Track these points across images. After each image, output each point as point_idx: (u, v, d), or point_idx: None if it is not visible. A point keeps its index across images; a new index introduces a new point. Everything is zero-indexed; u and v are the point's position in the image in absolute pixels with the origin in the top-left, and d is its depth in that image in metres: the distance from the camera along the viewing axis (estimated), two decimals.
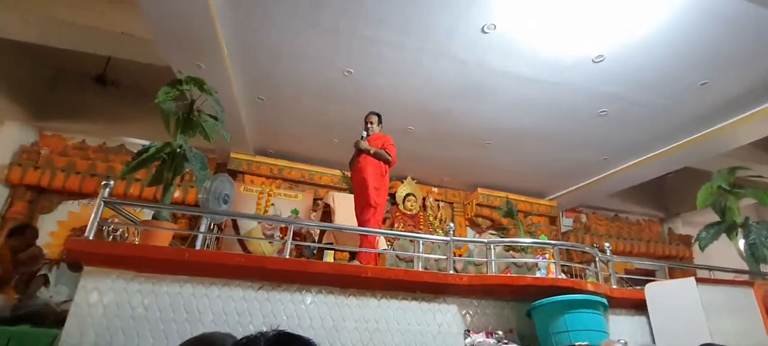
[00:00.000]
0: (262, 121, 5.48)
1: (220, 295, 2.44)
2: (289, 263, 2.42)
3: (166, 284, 2.41)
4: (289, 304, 2.46)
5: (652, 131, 5.32)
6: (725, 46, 3.76)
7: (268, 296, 2.46)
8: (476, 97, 4.77)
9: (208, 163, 6.11)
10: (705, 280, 2.99)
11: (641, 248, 7.44)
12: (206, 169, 2.97)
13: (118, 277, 2.40)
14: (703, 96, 4.53)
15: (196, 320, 2.36)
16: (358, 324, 2.49)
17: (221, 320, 2.38)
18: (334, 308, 2.50)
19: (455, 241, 2.96)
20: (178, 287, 2.42)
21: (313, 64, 4.28)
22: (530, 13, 3.51)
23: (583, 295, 2.43)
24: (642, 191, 8.17)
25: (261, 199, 5.49)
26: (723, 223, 4.36)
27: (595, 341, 2.27)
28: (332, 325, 2.45)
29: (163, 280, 2.42)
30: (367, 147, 3.72)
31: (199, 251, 2.63)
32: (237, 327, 2.37)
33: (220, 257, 2.46)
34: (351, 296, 2.55)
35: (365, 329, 2.49)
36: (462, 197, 7.41)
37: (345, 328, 2.47)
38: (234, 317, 2.40)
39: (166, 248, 2.47)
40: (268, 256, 3.25)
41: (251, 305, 2.43)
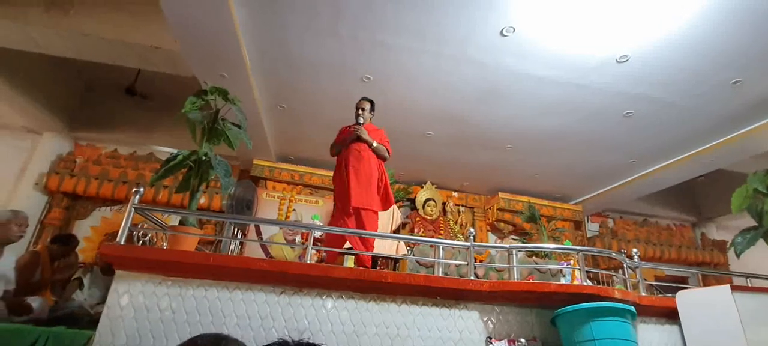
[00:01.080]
0: (284, 129, 5.59)
1: (244, 298, 2.49)
2: (310, 268, 2.45)
3: (192, 287, 2.49)
4: (310, 308, 2.49)
5: (682, 133, 5.13)
6: (758, 42, 3.60)
7: (289, 300, 2.50)
8: (496, 101, 4.73)
9: (232, 171, 6.31)
10: (741, 288, 2.85)
11: (672, 253, 7.15)
12: (230, 176, 3.05)
13: (148, 280, 2.49)
14: (735, 95, 4.35)
15: (221, 323, 2.42)
16: (378, 329, 2.50)
17: (245, 323, 2.43)
18: (354, 313, 2.51)
19: (476, 246, 2.93)
20: (203, 291, 2.49)
21: (332, 71, 4.35)
22: (549, 15, 3.46)
23: (610, 302, 2.36)
24: (672, 195, 7.86)
25: (282, 205, 5.59)
26: (760, 228, 4.15)
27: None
28: (353, 330, 2.46)
29: (189, 283, 2.49)
30: (368, 139, 3.42)
31: (224, 255, 2.70)
32: (260, 330, 2.42)
33: (244, 262, 2.52)
34: (371, 301, 2.56)
35: (386, 335, 2.50)
36: (483, 202, 7.32)
37: (365, 333, 2.48)
38: (257, 320, 2.45)
39: (192, 252, 2.55)
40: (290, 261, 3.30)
41: (273, 309, 2.47)
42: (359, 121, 3.50)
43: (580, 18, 3.50)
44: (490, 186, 7.16)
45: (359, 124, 3.46)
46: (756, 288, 3.01)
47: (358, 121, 3.50)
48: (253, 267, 2.47)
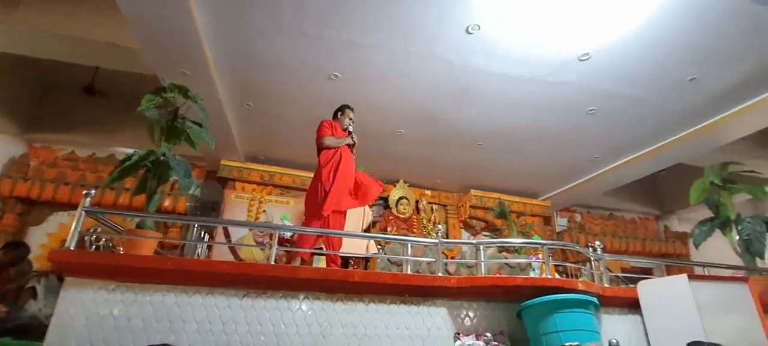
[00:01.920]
0: (252, 128, 5.46)
1: (204, 303, 2.40)
2: (274, 269, 2.38)
3: (148, 293, 2.37)
4: (274, 311, 2.41)
5: (643, 128, 5.32)
6: (713, 41, 3.76)
7: (253, 303, 2.42)
8: (465, 99, 4.76)
9: (198, 172, 6.11)
10: (698, 277, 2.96)
11: (637, 246, 7.42)
12: (191, 176, 2.92)
13: (100, 287, 2.37)
14: (692, 91, 4.53)
15: (180, 329, 2.32)
16: (345, 330, 2.45)
17: (205, 329, 2.34)
18: (320, 314, 2.46)
19: (444, 243, 2.93)
20: (161, 296, 2.38)
21: (299, 69, 4.27)
22: (512, 13, 3.51)
23: (572, 294, 2.40)
24: (636, 189, 8.16)
25: (252, 206, 5.45)
26: (717, 219, 4.34)
27: (586, 341, 2.24)
28: (319, 331, 2.41)
29: (145, 289, 2.38)
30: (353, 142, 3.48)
31: (182, 259, 2.59)
32: (221, 336, 2.33)
33: (203, 265, 2.42)
34: (338, 301, 2.51)
35: (353, 335, 2.45)
36: (455, 199, 7.38)
37: (332, 334, 2.42)
38: (218, 325, 2.36)
39: (147, 256, 2.43)
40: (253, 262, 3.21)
41: (236, 313, 2.38)
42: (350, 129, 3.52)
43: (542, 17, 3.56)
44: (462, 184, 7.22)
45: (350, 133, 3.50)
46: (711, 277, 3.13)
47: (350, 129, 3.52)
48: (214, 270, 2.37)
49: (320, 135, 3.46)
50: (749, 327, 2.71)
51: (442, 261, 2.82)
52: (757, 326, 2.72)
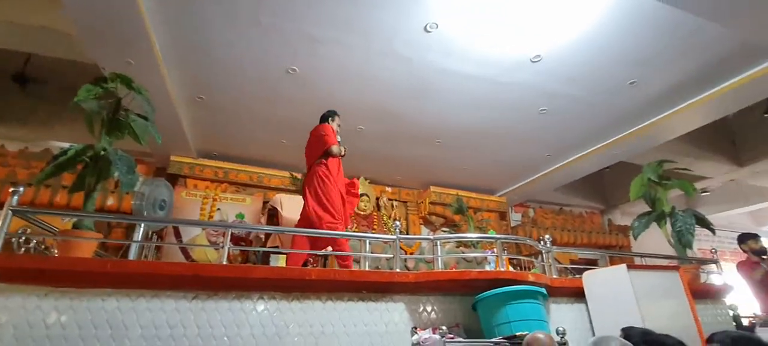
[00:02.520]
0: (204, 122, 5.22)
1: (149, 307, 2.26)
2: (226, 270, 2.29)
3: (86, 298, 2.20)
4: (226, 313, 2.32)
5: (589, 128, 5.64)
6: (650, 47, 4.03)
7: (203, 305, 2.31)
8: (424, 96, 4.82)
9: (145, 168, 5.76)
10: (636, 266, 3.18)
11: (584, 239, 7.87)
12: (134, 173, 2.75)
13: (31, 293, 2.17)
14: (632, 94, 4.85)
15: (122, 336, 2.18)
16: (302, 329, 2.41)
17: (150, 334, 2.21)
18: (276, 314, 2.40)
19: (402, 238, 2.95)
20: (100, 301, 2.22)
21: (255, 62, 4.13)
22: (468, 13, 3.58)
23: (523, 286, 2.49)
24: (584, 185, 8.65)
25: (205, 204, 5.21)
26: (653, 212, 4.68)
27: (534, 330, 2.33)
28: (275, 332, 2.35)
29: (83, 294, 2.21)
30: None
31: (123, 260, 2.43)
32: (169, 340, 2.21)
33: (148, 266, 2.29)
34: (294, 300, 2.46)
35: (310, 334, 2.41)
36: (415, 196, 7.47)
37: (288, 334, 2.37)
38: (165, 330, 2.23)
39: (84, 259, 2.26)
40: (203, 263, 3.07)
41: (185, 316, 2.27)
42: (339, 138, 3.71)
43: (497, 18, 3.66)
44: (422, 180, 7.32)
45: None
46: (648, 266, 3.38)
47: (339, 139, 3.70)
48: (159, 272, 2.25)
49: (328, 142, 3.55)
50: (680, 311, 2.95)
51: (400, 257, 2.84)
52: (687, 310, 2.96)
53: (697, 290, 3.49)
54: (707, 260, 4.12)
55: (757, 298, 4.32)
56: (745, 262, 4.39)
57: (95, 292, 2.21)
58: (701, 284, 3.80)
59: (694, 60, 4.23)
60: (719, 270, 4.06)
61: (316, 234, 3.14)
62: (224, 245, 2.51)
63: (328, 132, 3.61)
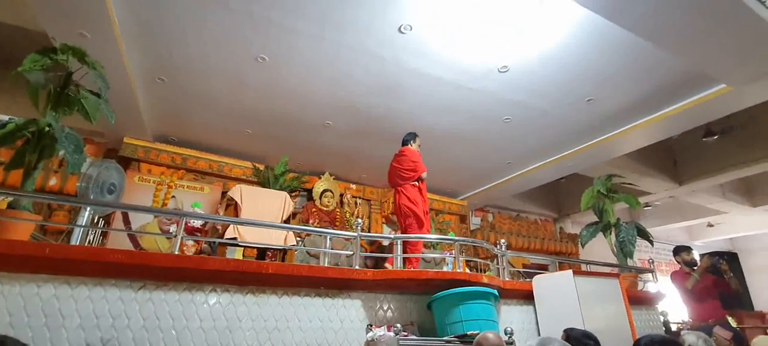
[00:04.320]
0: (164, 105, 4.98)
1: (91, 296, 2.14)
2: (177, 260, 2.21)
3: (19, 284, 2.05)
4: (175, 304, 2.24)
5: (549, 139, 5.90)
6: (607, 67, 4.28)
7: (150, 296, 2.22)
8: (394, 96, 4.85)
9: (95, 148, 5.43)
10: (581, 272, 3.38)
11: (537, 245, 8.22)
12: (81, 152, 2.58)
13: None
14: (589, 110, 5.13)
15: (58, 326, 2.05)
16: (255, 323, 2.36)
17: (90, 325, 2.09)
18: (228, 307, 2.34)
19: (363, 236, 2.96)
20: (35, 288, 2.08)
21: (222, 46, 3.99)
22: (442, 19, 3.65)
23: (476, 287, 2.58)
24: (540, 193, 9.04)
25: (159, 190, 4.97)
26: (600, 223, 4.97)
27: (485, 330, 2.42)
28: (226, 325, 2.29)
29: (15, 280, 2.06)
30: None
31: (63, 245, 2.29)
32: (109, 331, 2.10)
33: (90, 252, 2.16)
34: (249, 294, 2.41)
35: (263, 329, 2.38)
36: (380, 195, 7.50)
37: (240, 328, 2.32)
38: (107, 320, 2.12)
39: (18, 241, 2.10)
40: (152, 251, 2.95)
41: (129, 307, 2.17)
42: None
43: (469, 27, 3.75)
44: (387, 179, 7.35)
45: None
46: (592, 273, 3.59)
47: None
48: (103, 259, 2.13)
49: (422, 168, 4.27)
50: (617, 315, 3.16)
51: (359, 254, 2.85)
52: (623, 314, 3.18)
53: (634, 297, 3.75)
54: (645, 270, 4.43)
55: (688, 306, 4.70)
56: (679, 272, 4.77)
57: (30, 277, 2.07)
58: (638, 292, 4.09)
59: (645, 83, 4.53)
60: (655, 279, 4.38)
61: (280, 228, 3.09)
62: (177, 234, 2.42)
63: (420, 159, 4.32)
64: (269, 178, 4.29)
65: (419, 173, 4.18)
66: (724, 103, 4.60)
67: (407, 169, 4.18)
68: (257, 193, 3.93)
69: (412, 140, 4.44)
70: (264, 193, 3.98)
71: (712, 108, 4.72)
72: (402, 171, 4.20)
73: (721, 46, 3.49)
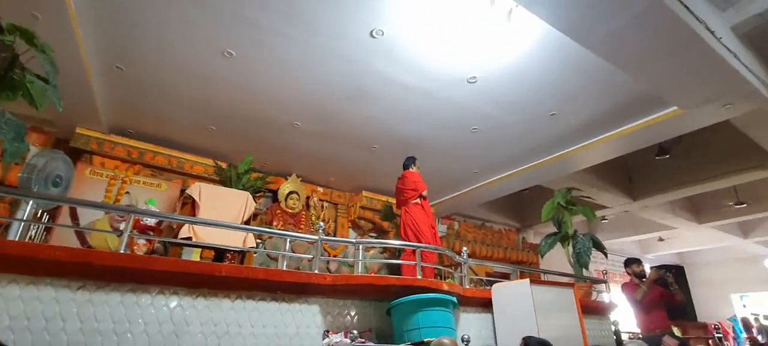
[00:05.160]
0: (121, 95, 4.73)
1: (22, 296, 1.98)
2: (122, 259, 2.08)
3: None
4: (118, 306, 2.11)
5: (514, 150, 6.05)
6: (570, 84, 4.44)
7: (90, 297, 2.07)
8: (364, 100, 4.83)
9: (43, 138, 5.09)
10: (538, 281, 3.46)
11: (500, 253, 8.40)
12: (23, 141, 2.40)
13: None
14: (552, 124, 5.30)
15: None
16: (204, 328, 2.26)
17: (20, 326, 1.93)
18: (176, 310, 2.23)
19: (324, 240, 2.91)
20: None
21: (187, 38, 3.84)
22: (414, 26, 3.67)
23: (434, 294, 2.58)
24: (504, 203, 9.27)
25: (112, 185, 4.70)
26: (559, 234, 5.14)
27: None
28: (172, 329, 2.17)
29: None
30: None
31: None
32: (42, 334, 1.95)
33: (24, 248, 2.00)
34: (200, 297, 2.31)
35: (213, 333, 2.27)
36: (347, 199, 7.45)
37: (188, 332, 2.21)
38: (39, 322, 1.97)
39: None
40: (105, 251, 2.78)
41: (65, 308, 2.02)
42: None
43: (440, 36, 3.80)
44: (355, 184, 7.33)
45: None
46: (548, 282, 3.69)
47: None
48: (39, 255, 1.97)
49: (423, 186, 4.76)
50: (570, 324, 3.26)
51: (319, 258, 2.80)
52: (576, 323, 3.28)
53: (588, 306, 3.89)
54: (598, 280, 4.60)
55: (637, 316, 4.91)
56: (629, 283, 4.98)
57: None
58: (592, 301, 4.24)
59: (604, 102, 4.74)
60: (608, 290, 4.56)
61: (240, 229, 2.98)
62: (125, 232, 2.29)
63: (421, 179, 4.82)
64: (231, 176, 4.15)
65: (420, 191, 4.64)
66: (676, 125, 4.88)
67: (410, 189, 4.66)
68: (218, 192, 3.79)
69: (412, 164, 4.94)
70: (225, 192, 3.84)
71: (664, 129, 4.99)
72: (405, 192, 4.67)
73: (674, 71, 3.71)
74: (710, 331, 9.88)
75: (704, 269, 14.28)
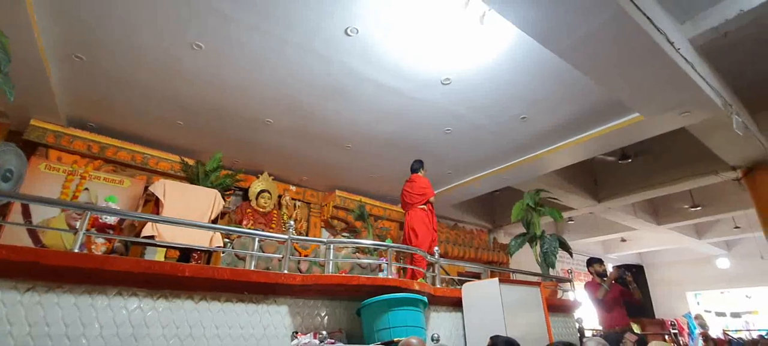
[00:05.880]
0: (81, 86, 4.49)
1: None
2: (74, 258, 1.97)
3: None
4: (71, 309, 1.99)
5: (486, 152, 6.16)
6: (539, 89, 4.56)
7: (40, 299, 1.95)
8: (339, 99, 4.79)
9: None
10: (507, 280, 3.53)
11: (472, 253, 8.54)
12: None
13: None
14: (523, 127, 5.43)
15: None
16: (165, 330, 2.17)
17: None
18: (136, 312, 2.13)
19: (294, 239, 2.86)
20: None
21: (154, 27, 3.68)
22: (389, 25, 3.67)
23: (405, 293, 2.59)
24: (477, 204, 9.42)
25: (70, 181, 4.45)
26: (528, 234, 5.27)
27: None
28: (130, 332, 2.08)
29: None
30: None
31: None
32: None
33: None
34: (161, 298, 2.21)
35: (175, 336, 2.19)
36: (320, 198, 7.37)
37: (148, 335, 2.12)
38: None
39: None
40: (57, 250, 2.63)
41: (12, 311, 1.89)
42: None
43: (415, 36, 3.81)
44: (329, 183, 7.26)
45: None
46: (516, 281, 3.77)
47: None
48: None
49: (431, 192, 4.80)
50: (537, 322, 3.34)
51: (290, 258, 2.75)
52: (542, 321, 3.36)
53: (554, 304, 4.00)
54: (564, 279, 4.75)
55: (599, 314, 5.10)
56: (591, 282, 5.18)
57: None
58: (557, 299, 4.37)
59: (572, 107, 4.90)
60: (572, 288, 4.71)
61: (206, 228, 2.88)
62: (80, 230, 2.16)
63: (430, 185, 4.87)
64: (199, 174, 4.01)
65: (428, 196, 4.71)
66: (637, 131, 5.11)
67: (418, 194, 4.71)
68: (184, 189, 3.66)
69: (420, 168, 4.99)
70: (191, 189, 3.71)
71: (627, 134, 5.21)
72: (413, 196, 4.73)
73: (636, 79, 3.87)
74: (667, 327, 10.42)
75: (662, 268, 15.02)
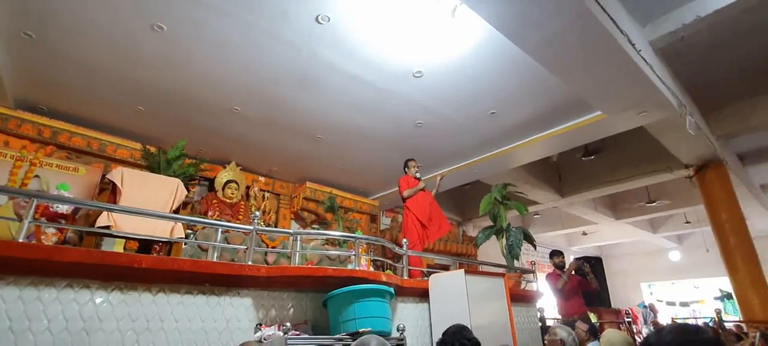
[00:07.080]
0: (31, 66, 4.19)
1: None
2: (18, 248, 1.84)
3: None
4: (15, 302, 1.87)
5: (456, 146, 6.25)
6: (508, 84, 4.65)
7: None
8: (309, 88, 4.71)
9: None
10: (472, 271, 3.60)
11: (441, 246, 8.67)
12: None
13: None
14: (492, 123, 5.54)
15: None
16: (121, 324, 2.08)
17: None
18: (87, 305, 2.02)
19: (260, 230, 2.80)
20: None
21: (110, 6, 3.47)
22: (361, 15, 3.63)
23: (371, 285, 2.59)
24: (447, 198, 9.57)
25: (19, 168, 4.15)
26: (494, 227, 5.39)
27: (378, 327, 2.44)
28: (81, 327, 1.97)
29: None
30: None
31: None
32: None
33: None
34: (115, 290, 2.11)
35: (131, 330, 2.10)
36: (290, 189, 7.27)
37: (101, 329, 2.02)
38: None
39: None
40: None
41: None
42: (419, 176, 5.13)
43: (387, 28, 3.79)
44: (299, 174, 7.16)
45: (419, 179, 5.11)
46: (481, 272, 3.86)
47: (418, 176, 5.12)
48: None
49: (400, 192, 4.99)
50: (500, 312, 3.44)
51: (255, 249, 2.69)
52: (505, 311, 3.46)
53: (517, 295, 4.13)
54: (527, 270, 4.90)
55: (558, 303, 5.32)
56: (552, 273, 5.38)
57: None
58: (520, 290, 4.51)
59: (539, 103, 5.03)
60: (535, 279, 4.88)
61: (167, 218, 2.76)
62: (25, 219, 2.03)
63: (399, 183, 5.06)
64: (160, 162, 3.84)
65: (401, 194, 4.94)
66: (599, 128, 5.32)
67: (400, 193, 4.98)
68: (144, 178, 3.49)
69: (405, 167, 5.22)
70: (152, 178, 3.54)
71: (589, 131, 5.42)
72: (400, 196, 5.00)
73: (598, 78, 4.01)
74: (622, 316, 11.01)
75: (619, 260, 15.83)
